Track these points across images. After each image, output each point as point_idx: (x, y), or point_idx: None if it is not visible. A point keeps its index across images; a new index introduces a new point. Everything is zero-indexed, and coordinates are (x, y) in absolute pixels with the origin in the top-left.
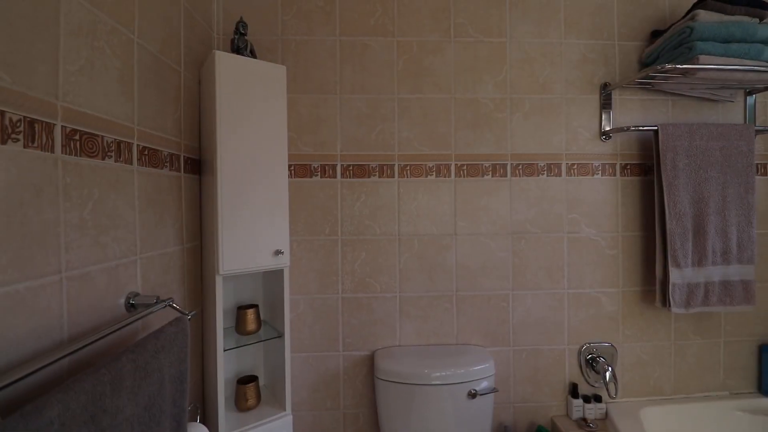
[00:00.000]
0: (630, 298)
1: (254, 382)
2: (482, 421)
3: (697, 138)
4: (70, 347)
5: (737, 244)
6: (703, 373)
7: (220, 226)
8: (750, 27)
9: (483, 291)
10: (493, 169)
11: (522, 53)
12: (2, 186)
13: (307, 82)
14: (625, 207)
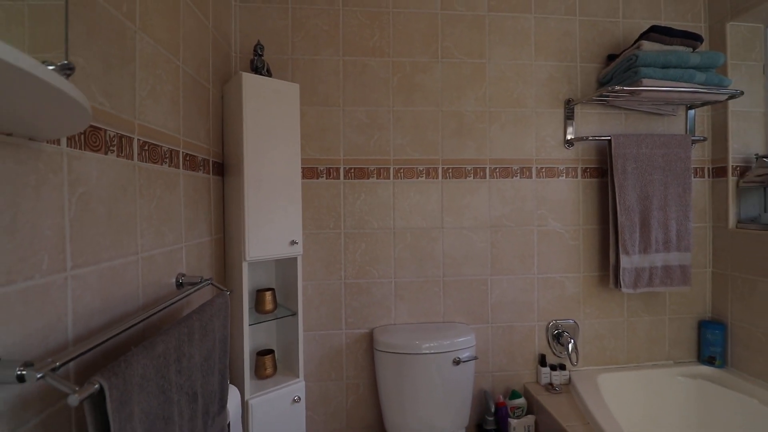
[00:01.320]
0: (589, 282)
1: (271, 354)
2: (465, 386)
3: (643, 146)
4: (154, 308)
5: (676, 235)
6: (651, 345)
7: (246, 219)
8: (684, 55)
9: (466, 276)
10: (475, 171)
11: (499, 72)
12: (106, 186)
13: (314, 95)
14: (585, 204)
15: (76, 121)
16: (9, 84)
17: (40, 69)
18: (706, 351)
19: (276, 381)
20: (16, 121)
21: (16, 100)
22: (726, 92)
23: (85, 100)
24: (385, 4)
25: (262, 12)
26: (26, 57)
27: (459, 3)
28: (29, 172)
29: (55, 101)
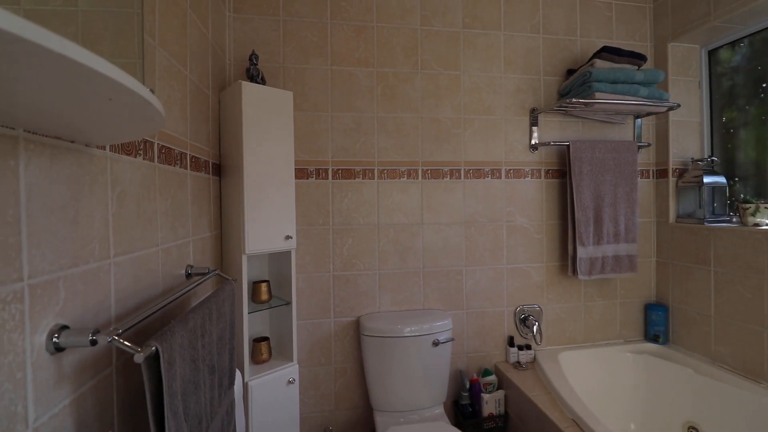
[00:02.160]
0: (551, 271)
1: (266, 341)
2: (443, 366)
3: (597, 151)
4: (180, 291)
5: (625, 229)
6: (604, 326)
7: (246, 216)
8: (630, 72)
9: (443, 268)
10: (451, 173)
11: (472, 83)
12: (136, 185)
13: (305, 102)
14: (547, 202)
15: (155, 125)
16: (105, 95)
17: (140, 87)
18: (652, 330)
19: (271, 365)
20: (84, 129)
21: (110, 111)
22: (665, 105)
23: (162, 108)
24: (369, 18)
25: (255, 23)
26: (127, 76)
27: (436, 20)
28: (85, 173)
29: (142, 110)
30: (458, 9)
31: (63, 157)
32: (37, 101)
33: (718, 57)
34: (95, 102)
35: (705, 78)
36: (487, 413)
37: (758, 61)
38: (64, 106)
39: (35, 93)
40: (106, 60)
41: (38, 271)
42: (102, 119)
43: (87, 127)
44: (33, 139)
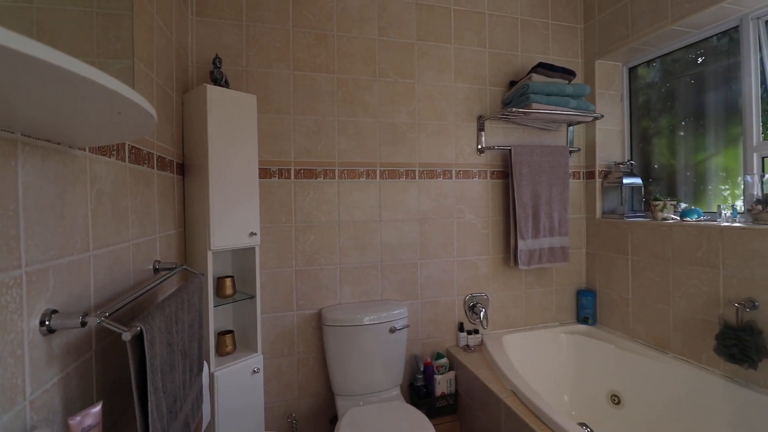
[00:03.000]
0: (496, 262)
1: (231, 334)
2: (399, 351)
3: (534, 155)
4: (152, 283)
5: (558, 224)
6: (542, 310)
7: (211, 214)
8: (562, 86)
9: (399, 261)
10: (406, 173)
11: (426, 92)
12: (110, 184)
13: (267, 104)
14: (493, 200)
15: (148, 131)
16: (102, 102)
17: (145, 103)
18: (582, 313)
19: (236, 357)
20: (76, 133)
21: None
22: (591, 115)
23: (154, 112)
24: (330, 27)
25: (218, 26)
26: (138, 94)
27: (393, 31)
28: (69, 173)
29: (142, 119)
30: (413, 22)
31: (51, 158)
32: (48, 112)
33: (636, 74)
34: (103, 115)
35: (626, 92)
36: (439, 392)
37: (667, 79)
38: (72, 118)
39: (47, 106)
40: (121, 82)
41: (33, 260)
42: (103, 128)
43: (84, 133)
44: (28, 142)
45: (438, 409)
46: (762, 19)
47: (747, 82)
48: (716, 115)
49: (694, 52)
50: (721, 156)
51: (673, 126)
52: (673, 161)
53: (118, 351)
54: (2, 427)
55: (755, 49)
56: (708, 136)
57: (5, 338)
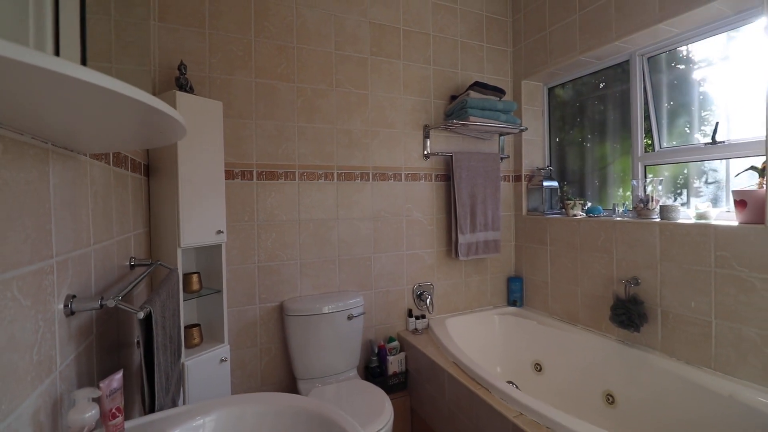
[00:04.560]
0: (440, 254)
1: (198, 327)
2: (356, 336)
3: (472, 160)
4: (139, 277)
5: (492, 220)
6: (479, 296)
7: (181, 213)
8: (494, 102)
9: (355, 255)
10: (361, 176)
11: (378, 102)
12: (101, 185)
13: (230, 109)
14: (437, 200)
15: (178, 135)
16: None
17: (181, 119)
18: (512, 297)
19: (203, 348)
20: (94, 141)
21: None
22: (517, 128)
23: (183, 120)
24: (290, 39)
25: (180, 33)
26: (179, 115)
27: (348, 46)
28: (78, 176)
29: (174, 128)
30: (366, 39)
31: (68, 163)
32: (95, 125)
33: (554, 93)
34: (145, 127)
35: (546, 108)
36: (391, 372)
37: (578, 99)
38: (119, 130)
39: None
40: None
41: (59, 251)
42: (137, 136)
43: (113, 142)
44: (55, 150)
45: (391, 386)
46: (645, 55)
47: (634, 104)
48: (614, 130)
49: (597, 78)
50: (618, 163)
51: (582, 138)
52: (582, 167)
53: (108, 338)
54: (44, 392)
55: (640, 78)
56: (608, 147)
57: (45, 316)
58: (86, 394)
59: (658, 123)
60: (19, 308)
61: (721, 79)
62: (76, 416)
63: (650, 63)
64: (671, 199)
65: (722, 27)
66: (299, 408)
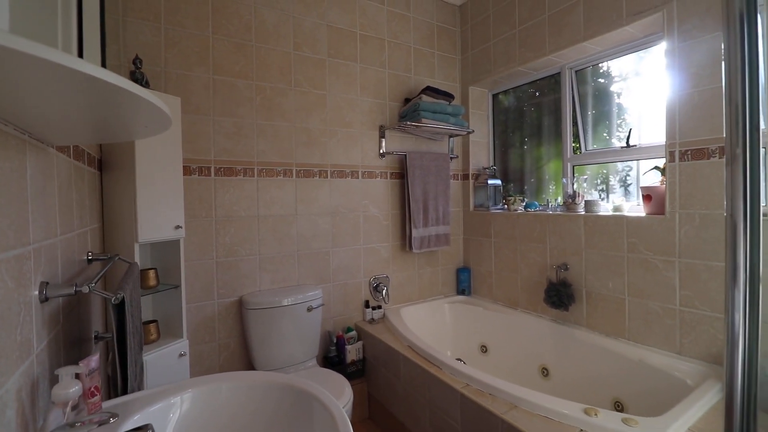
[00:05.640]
0: (395, 248)
1: (155, 323)
2: (315, 327)
3: (424, 160)
4: (103, 269)
5: (442, 215)
6: (431, 286)
7: (138, 208)
8: (444, 106)
9: (314, 250)
10: (320, 173)
11: (336, 102)
12: (65, 178)
13: (187, 105)
14: (392, 197)
15: (162, 124)
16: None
17: (158, 101)
18: (461, 286)
19: (160, 344)
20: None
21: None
22: (465, 130)
23: (168, 110)
24: (249, 38)
25: (135, 27)
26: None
27: (307, 47)
28: (46, 167)
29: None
30: (324, 41)
31: (40, 155)
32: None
33: (498, 99)
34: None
35: (490, 113)
36: (350, 360)
37: (517, 105)
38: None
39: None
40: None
41: (35, 239)
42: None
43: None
44: (31, 141)
45: (349, 374)
46: (573, 69)
47: (564, 112)
48: (548, 134)
49: (534, 87)
50: (551, 164)
51: (522, 140)
52: (522, 167)
53: (71, 332)
54: (24, 373)
55: (569, 89)
56: (543, 149)
57: (25, 300)
58: (69, 370)
59: (584, 128)
60: (6, 290)
61: (633, 92)
62: (60, 391)
63: (578, 76)
64: (594, 195)
65: (634, 48)
66: (272, 382)
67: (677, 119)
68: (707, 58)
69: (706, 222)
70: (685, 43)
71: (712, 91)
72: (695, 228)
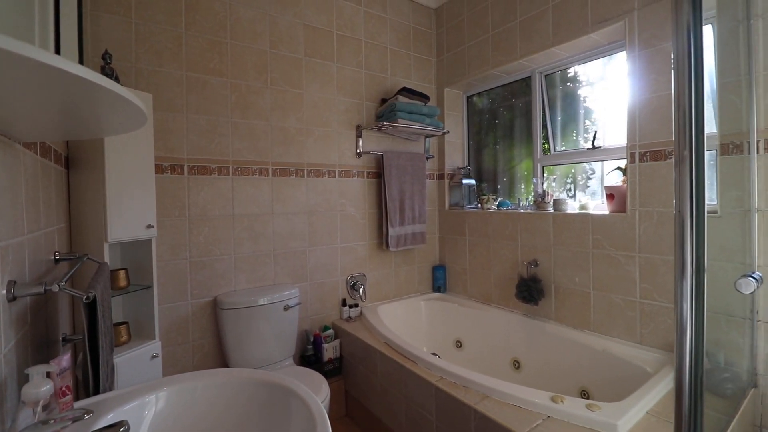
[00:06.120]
0: (372, 246)
1: (125, 324)
2: (292, 327)
3: (401, 159)
4: (72, 269)
5: (418, 214)
6: (407, 284)
7: (108, 206)
8: (419, 107)
9: (290, 249)
10: (296, 172)
11: (313, 101)
12: (32, 176)
13: (159, 102)
14: (369, 195)
15: (138, 120)
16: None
17: (129, 94)
18: (436, 283)
19: (131, 346)
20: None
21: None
22: (440, 131)
23: (144, 107)
24: (223, 35)
25: (105, 21)
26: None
27: (283, 46)
28: (14, 163)
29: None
30: (300, 40)
31: (7, 150)
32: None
33: (473, 101)
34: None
35: (465, 114)
36: (327, 358)
37: (491, 107)
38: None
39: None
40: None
41: (2, 237)
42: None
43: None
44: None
45: (326, 372)
46: (543, 73)
47: (535, 114)
48: (520, 136)
49: (507, 90)
50: (523, 164)
51: (495, 141)
52: (495, 167)
53: (38, 333)
54: None
55: (539, 92)
56: (515, 150)
57: None
58: (40, 369)
59: (553, 130)
60: None
61: (599, 96)
62: (31, 390)
63: (547, 80)
64: (563, 194)
65: (599, 54)
66: (249, 378)
67: (637, 122)
68: (664, 65)
69: (663, 219)
70: (644, 50)
71: (668, 97)
72: (653, 225)
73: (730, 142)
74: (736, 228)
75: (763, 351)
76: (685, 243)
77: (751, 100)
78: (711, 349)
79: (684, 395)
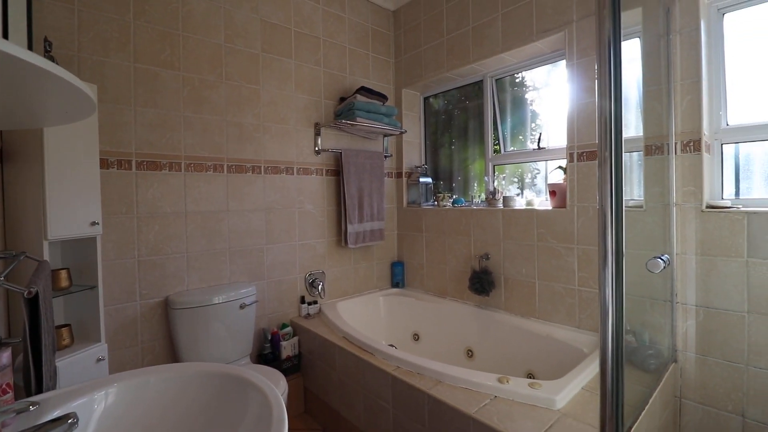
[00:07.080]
0: (331, 243)
1: (68, 327)
2: (248, 325)
3: (360, 157)
4: (9, 267)
5: (377, 211)
6: (366, 280)
7: (48, 202)
8: (377, 106)
9: (247, 247)
10: (253, 169)
11: (270, 98)
12: None
13: (104, 93)
14: (328, 193)
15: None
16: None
17: (71, 77)
18: (395, 279)
19: (74, 349)
20: None
21: None
22: (398, 130)
23: (93, 95)
24: (175, 26)
25: (45, 7)
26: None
27: (238, 40)
28: None
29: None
30: (257, 35)
31: None
32: None
33: (429, 102)
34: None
35: (422, 114)
36: (285, 356)
37: (446, 108)
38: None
39: None
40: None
41: None
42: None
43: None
44: None
45: (284, 369)
46: (494, 78)
47: (486, 116)
48: (473, 136)
49: (461, 92)
50: (476, 163)
51: (451, 141)
52: (450, 166)
53: None
54: None
55: (491, 95)
56: (469, 150)
57: None
58: None
59: (503, 132)
60: None
61: (544, 101)
62: None
63: (498, 84)
64: (511, 191)
65: (544, 61)
66: (202, 371)
67: (575, 125)
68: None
69: (597, 213)
70: (581, 59)
71: None
72: (589, 219)
73: (653, 143)
74: (658, 220)
75: (681, 329)
76: (606, 235)
77: (670, 106)
78: (638, 329)
79: (608, 369)
